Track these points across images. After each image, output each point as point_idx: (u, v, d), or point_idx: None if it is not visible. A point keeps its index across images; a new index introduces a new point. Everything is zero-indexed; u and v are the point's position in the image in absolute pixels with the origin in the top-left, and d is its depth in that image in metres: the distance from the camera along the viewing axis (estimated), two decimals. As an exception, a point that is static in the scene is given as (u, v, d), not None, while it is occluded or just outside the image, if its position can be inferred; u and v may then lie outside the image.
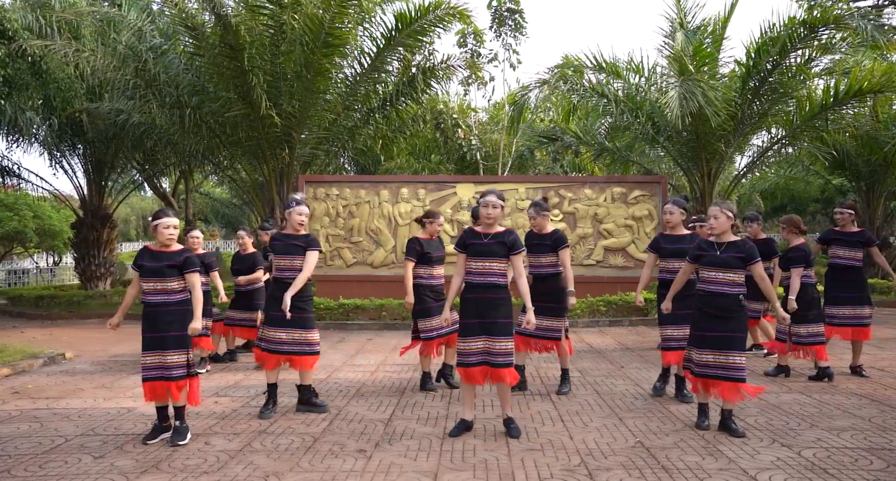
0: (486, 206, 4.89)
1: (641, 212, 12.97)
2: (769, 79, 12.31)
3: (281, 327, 5.52)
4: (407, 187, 13.25)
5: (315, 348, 5.66)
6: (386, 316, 12.11)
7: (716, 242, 5.03)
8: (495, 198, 4.92)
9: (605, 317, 12.05)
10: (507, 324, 4.89)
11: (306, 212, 5.65)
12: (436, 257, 6.60)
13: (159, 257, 4.89)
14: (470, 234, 5.00)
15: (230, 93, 12.47)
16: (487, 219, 4.92)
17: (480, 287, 4.90)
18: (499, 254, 4.92)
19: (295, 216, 5.58)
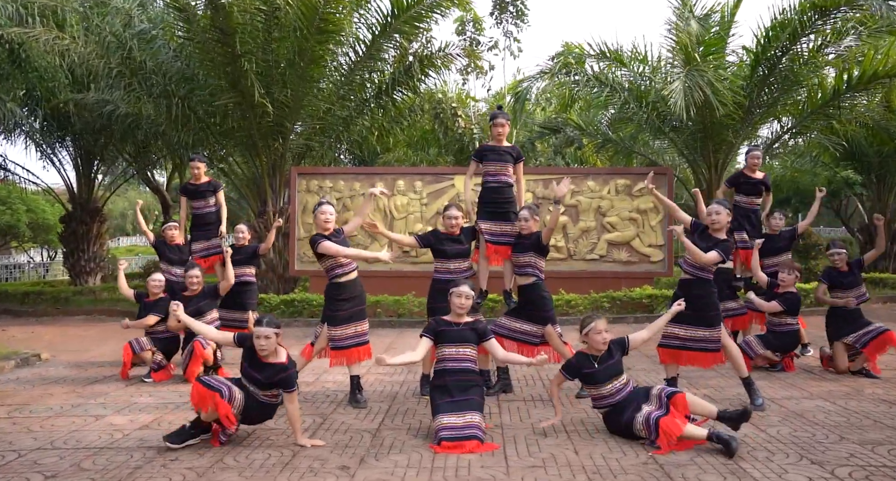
0: (460, 296, 4.98)
1: (646, 204, 12.50)
2: (779, 66, 11.83)
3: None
4: (403, 179, 12.79)
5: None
6: (381, 313, 11.68)
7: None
8: (468, 289, 5.00)
9: (609, 315, 11.58)
10: (480, 402, 4.87)
11: (330, 210, 5.86)
12: (451, 251, 6.20)
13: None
14: (439, 321, 5.05)
15: (221, 80, 12.00)
16: (459, 308, 4.99)
17: (453, 371, 4.91)
18: (472, 341, 5.01)
19: (318, 216, 5.85)
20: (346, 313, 5.96)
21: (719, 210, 5.58)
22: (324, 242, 5.80)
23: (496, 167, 6.40)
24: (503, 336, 6.18)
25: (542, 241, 6.01)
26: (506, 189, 6.40)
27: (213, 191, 8.32)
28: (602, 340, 4.75)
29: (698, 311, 5.52)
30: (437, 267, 6.23)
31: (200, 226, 8.30)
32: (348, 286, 5.98)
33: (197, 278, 7.13)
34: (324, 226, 5.90)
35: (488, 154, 6.43)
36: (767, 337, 7.00)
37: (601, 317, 4.80)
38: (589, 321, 4.84)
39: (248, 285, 8.03)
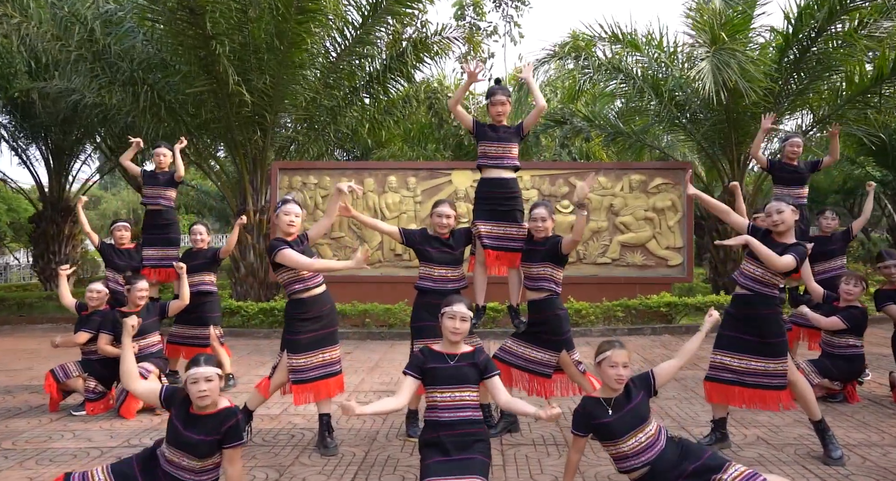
0: (454, 318, 3.78)
1: (664, 202, 11.32)
2: (812, 48, 10.64)
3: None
4: (395, 175, 11.61)
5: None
6: (370, 323, 10.52)
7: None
8: (464, 308, 3.79)
9: (623, 325, 10.43)
10: (485, 463, 3.58)
11: (295, 211, 4.82)
12: (437, 257, 5.02)
13: None
14: (428, 354, 3.82)
15: (192, 65, 10.81)
16: (454, 333, 3.77)
17: (450, 425, 3.64)
18: (472, 380, 3.74)
19: (281, 217, 4.80)
20: (310, 337, 4.80)
21: (781, 207, 4.41)
22: (284, 250, 4.64)
23: (496, 148, 5.20)
24: (509, 364, 5.07)
25: (562, 250, 4.85)
26: (509, 181, 5.22)
27: (172, 182, 7.17)
28: (616, 376, 3.53)
29: (759, 337, 4.36)
30: (422, 272, 5.09)
31: (155, 228, 7.13)
32: (313, 303, 4.83)
33: (145, 292, 5.97)
34: (286, 229, 4.82)
35: (487, 132, 5.25)
36: (824, 362, 5.83)
37: (621, 347, 3.60)
38: (605, 348, 3.65)
39: (207, 296, 6.88)
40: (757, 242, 4.27)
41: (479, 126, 5.31)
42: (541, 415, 3.38)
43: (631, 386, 3.63)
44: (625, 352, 3.59)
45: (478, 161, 5.33)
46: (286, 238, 4.83)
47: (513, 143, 5.23)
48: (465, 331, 3.81)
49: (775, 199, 4.51)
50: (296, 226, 4.86)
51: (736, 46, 9.66)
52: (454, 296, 3.92)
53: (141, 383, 3.75)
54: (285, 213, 4.81)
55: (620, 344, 3.62)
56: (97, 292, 6.06)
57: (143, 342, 5.93)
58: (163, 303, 6.14)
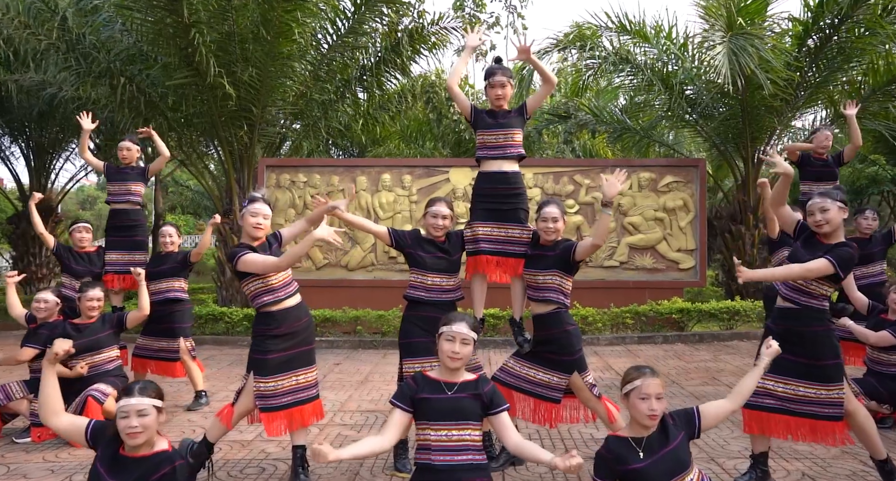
0: (453, 341, 3.14)
1: (675, 202, 10.64)
2: (833, 37, 9.96)
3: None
4: (389, 173, 10.93)
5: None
6: (362, 330, 9.86)
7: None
8: (465, 328, 3.15)
9: (633, 333, 9.76)
10: None
11: (263, 211, 4.17)
12: (431, 263, 4.33)
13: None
14: (421, 381, 3.19)
15: (172, 56, 10.13)
16: (453, 359, 3.13)
17: (446, 471, 3.00)
18: (474, 415, 3.09)
19: (247, 218, 4.15)
20: (282, 357, 4.11)
21: (826, 204, 3.75)
22: (245, 255, 3.96)
23: (497, 136, 4.53)
24: (511, 387, 4.38)
25: (575, 257, 4.18)
26: (511, 175, 4.54)
27: (140, 177, 6.49)
28: (648, 411, 2.85)
29: (808, 358, 3.68)
30: (413, 280, 4.41)
31: (120, 229, 6.45)
32: (284, 317, 4.13)
33: (97, 302, 5.28)
34: (252, 232, 4.16)
35: (485, 119, 4.57)
36: (870, 381, 5.14)
37: (653, 374, 2.91)
38: (632, 376, 2.96)
39: (176, 304, 6.19)
40: (768, 271, 3.71)
41: (477, 112, 4.65)
42: (557, 465, 2.71)
43: (668, 423, 2.95)
44: (658, 380, 2.91)
45: (476, 152, 4.67)
46: (251, 243, 4.16)
47: (515, 129, 4.54)
48: (466, 355, 3.15)
49: (818, 195, 3.84)
50: (263, 229, 4.20)
51: (757, 30, 8.98)
52: (455, 314, 3.25)
53: (62, 418, 3.06)
54: (252, 214, 4.16)
55: (652, 370, 2.94)
56: (45, 302, 5.37)
57: (97, 358, 5.25)
58: (120, 314, 5.45)
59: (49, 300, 5.40)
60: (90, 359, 5.20)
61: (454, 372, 3.18)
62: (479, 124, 4.60)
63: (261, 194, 4.31)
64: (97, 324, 5.28)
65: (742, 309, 9.96)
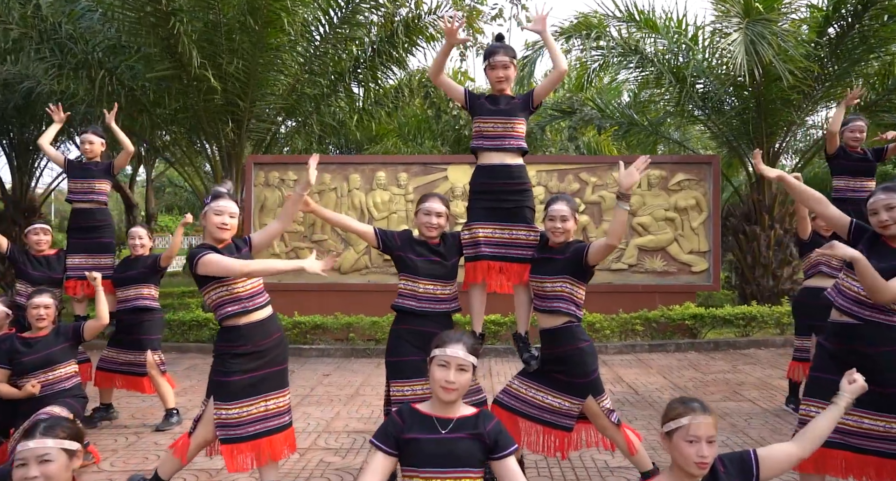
0: (447, 367, 2.55)
1: (686, 201, 10.04)
2: (855, 25, 9.36)
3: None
4: (384, 170, 10.33)
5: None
6: (354, 337, 9.26)
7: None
8: (462, 352, 2.55)
9: (643, 340, 9.16)
10: None
11: (229, 209, 3.60)
12: (422, 267, 3.76)
13: None
14: (409, 417, 2.60)
15: (153, 46, 9.56)
16: (447, 390, 2.54)
17: None
18: (474, 461, 2.52)
19: (210, 217, 3.58)
20: (247, 379, 3.53)
21: (893, 200, 3.15)
22: (206, 256, 3.38)
23: (496, 125, 3.95)
24: (517, 413, 3.80)
25: (588, 260, 3.59)
26: (515, 168, 3.95)
27: (105, 174, 5.91)
28: (698, 458, 2.27)
29: (875, 384, 3.07)
30: (402, 287, 3.87)
31: (83, 230, 5.86)
32: (252, 332, 3.55)
33: (44, 310, 4.68)
34: (217, 233, 3.59)
35: (484, 106, 3.99)
36: None
37: (703, 411, 2.32)
38: (678, 412, 2.37)
39: (145, 313, 5.62)
40: (866, 264, 2.97)
41: (474, 98, 4.07)
42: None
43: (719, 470, 2.36)
44: (711, 419, 2.32)
45: (472, 143, 4.08)
46: (215, 244, 3.58)
47: (518, 118, 3.96)
48: (463, 385, 2.56)
49: (882, 190, 3.24)
50: (230, 229, 3.61)
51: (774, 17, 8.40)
52: (450, 334, 2.66)
53: None
54: (216, 212, 3.58)
55: (703, 405, 2.34)
56: None
57: (51, 375, 4.64)
58: (76, 325, 4.85)
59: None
60: (43, 376, 4.60)
61: (449, 405, 2.59)
62: (477, 111, 4.03)
63: (226, 189, 3.74)
64: (50, 337, 4.68)
65: (759, 314, 9.36)
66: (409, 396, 3.66)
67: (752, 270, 10.98)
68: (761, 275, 10.88)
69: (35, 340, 4.64)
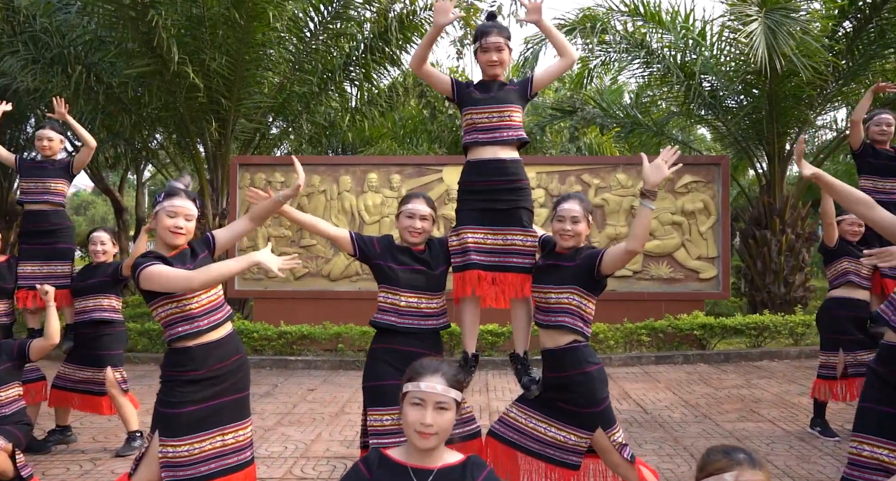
0: (423, 405, 2.02)
1: (694, 204, 9.53)
2: (874, 19, 8.88)
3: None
4: (376, 172, 9.81)
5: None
6: (343, 348, 8.75)
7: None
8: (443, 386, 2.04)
9: (649, 352, 8.64)
10: None
11: (186, 209, 3.06)
12: (403, 277, 3.26)
13: None
14: (378, 467, 2.09)
15: (132, 41, 9.06)
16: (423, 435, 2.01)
17: None
18: None
19: (161, 218, 3.03)
20: (200, 409, 2.99)
21: None
22: (149, 268, 2.86)
23: (488, 115, 3.44)
24: (516, 447, 3.30)
25: (601, 269, 3.09)
26: (510, 164, 3.44)
27: (63, 173, 5.38)
28: None
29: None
30: (381, 301, 3.36)
31: (36, 235, 5.34)
32: (206, 354, 3.02)
33: None
34: (169, 238, 3.07)
35: (472, 94, 3.48)
36: None
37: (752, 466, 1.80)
38: (720, 466, 1.83)
39: (105, 326, 5.10)
40: None
41: (461, 87, 3.56)
42: None
43: None
44: (762, 476, 1.80)
45: (465, 138, 3.57)
46: (165, 252, 3.06)
47: (515, 105, 3.45)
48: (443, 428, 2.02)
49: None
50: (185, 233, 3.08)
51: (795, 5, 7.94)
52: (426, 363, 2.12)
53: None
54: (169, 214, 3.04)
55: (751, 458, 1.83)
56: None
57: None
58: (21, 343, 4.33)
59: None
60: None
61: (428, 453, 2.07)
62: (466, 100, 3.52)
63: (183, 185, 3.21)
64: None
65: (771, 323, 8.84)
66: (388, 427, 3.16)
67: (763, 277, 10.46)
68: (772, 282, 10.36)
69: None
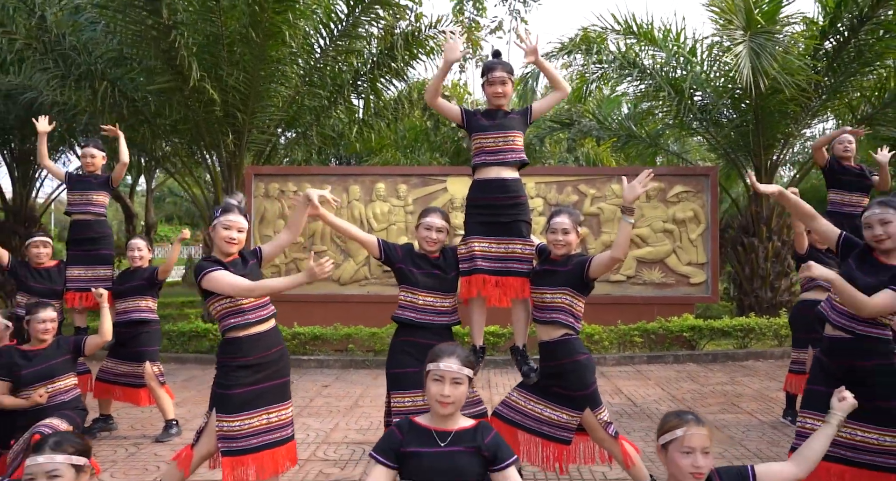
0: (441, 382, 2.60)
1: (685, 213, 10.09)
2: (852, 40, 9.44)
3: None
4: (384, 182, 10.38)
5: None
6: (354, 348, 9.28)
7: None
8: (457, 365, 2.61)
9: (642, 352, 9.18)
10: None
11: (238, 223, 3.62)
12: (422, 280, 3.82)
13: None
14: (408, 430, 2.64)
15: (154, 59, 9.63)
16: (442, 404, 2.59)
17: None
18: (471, 473, 2.56)
19: (218, 230, 3.60)
20: (250, 391, 3.54)
21: (888, 216, 3.19)
22: (212, 273, 3.42)
23: (495, 139, 4.00)
24: (515, 424, 3.83)
25: (589, 273, 3.64)
26: (511, 183, 4.00)
27: (104, 186, 5.96)
28: (692, 469, 2.31)
29: (868, 398, 3.10)
30: (402, 299, 3.92)
31: (82, 242, 5.90)
32: (254, 344, 3.57)
33: (50, 324, 4.71)
34: (225, 247, 3.64)
35: (480, 121, 4.05)
36: None
37: (698, 423, 2.37)
38: (673, 424, 2.40)
39: (143, 325, 5.66)
40: (842, 284, 3.01)
41: (470, 115, 4.13)
42: None
43: None
44: (705, 431, 2.35)
45: (474, 160, 4.12)
46: (222, 258, 3.62)
47: (516, 132, 4.02)
48: (459, 398, 2.60)
49: (878, 205, 3.28)
50: (237, 243, 3.65)
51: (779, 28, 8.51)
52: (444, 347, 2.70)
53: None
54: (224, 226, 3.61)
55: (697, 417, 2.38)
56: None
57: (50, 388, 4.65)
58: (77, 338, 4.88)
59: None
60: (42, 390, 4.62)
61: (447, 418, 2.62)
62: (475, 127, 4.08)
63: (236, 202, 3.77)
64: (51, 350, 4.70)
65: (757, 326, 9.38)
66: (409, 407, 3.69)
67: (751, 282, 11.02)
68: (759, 287, 10.91)
69: (34, 353, 4.65)
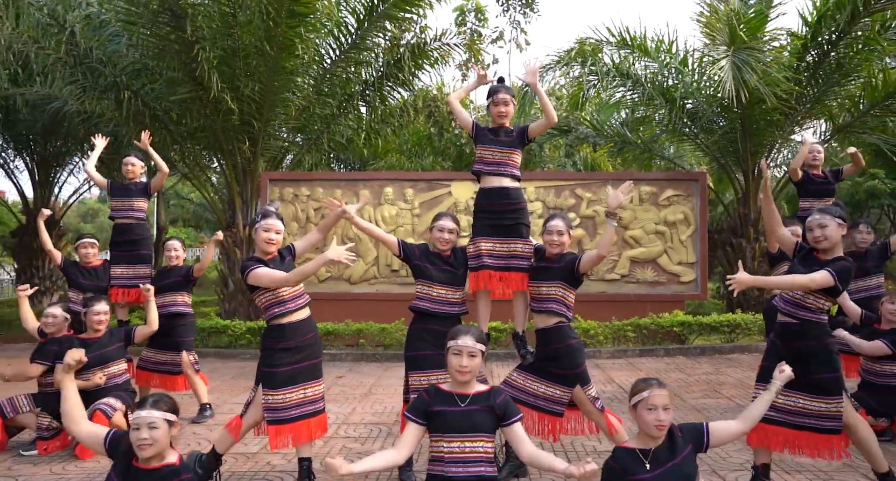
0: (460, 355, 3.23)
1: (675, 215, 10.71)
2: (832, 52, 10.06)
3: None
4: (392, 186, 11.01)
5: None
6: (364, 343, 9.89)
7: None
8: (472, 341, 3.25)
9: (634, 346, 9.79)
10: None
11: (276, 226, 4.28)
12: (437, 275, 4.42)
13: None
14: (434, 394, 3.28)
15: (177, 71, 10.25)
16: (461, 372, 3.22)
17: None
18: (487, 427, 3.19)
19: (259, 233, 4.24)
20: (290, 370, 4.17)
21: (825, 220, 3.82)
22: (256, 270, 4.06)
23: (496, 153, 4.64)
24: (516, 400, 4.40)
25: (579, 269, 4.25)
26: (512, 190, 4.63)
27: (143, 193, 6.60)
28: (655, 422, 2.92)
29: (808, 372, 3.73)
30: (419, 291, 4.50)
31: (124, 244, 6.53)
32: (293, 330, 4.21)
33: (104, 316, 5.34)
34: (264, 247, 4.27)
35: (486, 135, 4.70)
36: (860, 395, 5.15)
37: (660, 386, 2.98)
38: (640, 388, 3.02)
39: (180, 318, 6.28)
40: (775, 280, 3.75)
41: (479, 128, 4.77)
42: (573, 473, 2.76)
43: (676, 436, 3.01)
44: (665, 392, 2.97)
45: (474, 166, 4.77)
46: (263, 257, 4.25)
47: (515, 150, 4.68)
48: (474, 368, 3.23)
49: (817, 211, 3.91)
50: (276, 244, 4.29)
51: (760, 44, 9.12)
52: (460, 328, 3.35)
53: (83, 427, 3.20)
54: (265, 229, 4.26)
55: (659, 382, 3.00)
56: (53, 317, 5.41)
57: (106, 371, 5.29)
58: (128, 329, 5.51)
59: (57, 315, 5.45)
60: (100, 373, 5.25)
61: (465, 384, 3.25)
62: (481, 140, 4.71)
63: (274, 208, 4.41)
64: (105, 338, 5.33)
65: (743, 322, 10.00)
66: (425, 385, 4.29)
67: (738, 280, 11.59)
68: (746, 286, 11.49)
69: (91, 341, 5.28)
